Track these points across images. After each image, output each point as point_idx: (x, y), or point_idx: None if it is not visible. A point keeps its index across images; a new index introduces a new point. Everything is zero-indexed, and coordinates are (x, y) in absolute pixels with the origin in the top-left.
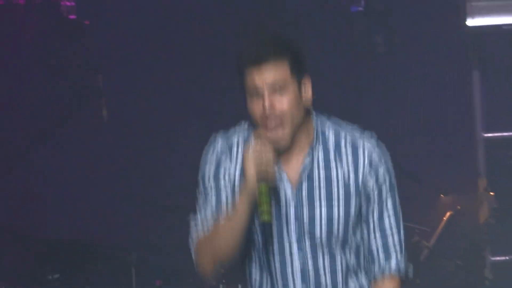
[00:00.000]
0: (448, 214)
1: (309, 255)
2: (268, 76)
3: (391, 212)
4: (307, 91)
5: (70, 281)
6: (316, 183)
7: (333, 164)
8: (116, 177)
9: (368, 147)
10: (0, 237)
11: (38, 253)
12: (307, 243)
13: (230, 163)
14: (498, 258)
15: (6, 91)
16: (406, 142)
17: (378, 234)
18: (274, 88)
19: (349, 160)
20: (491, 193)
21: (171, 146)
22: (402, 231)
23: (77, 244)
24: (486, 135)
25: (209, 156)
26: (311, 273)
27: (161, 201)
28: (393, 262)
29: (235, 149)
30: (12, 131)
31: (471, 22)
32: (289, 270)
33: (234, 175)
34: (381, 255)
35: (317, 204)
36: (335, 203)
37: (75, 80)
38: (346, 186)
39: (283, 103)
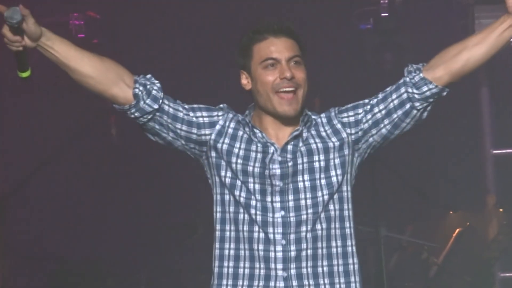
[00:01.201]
0: (457, 230)
1: (291, 209)
2: (288, 48)
3: (364, 102)
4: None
5: None
6: (300, 145)
7: (313, 140)
8: (126, 197)
9: (333, 109)
10: (13, 256)
11: (49, 272)
12: (291, 197)
13: (224, 123)
14: (507, 274)
15: (16, 110)
16: (414, 158)
17: (381, 103)
18: (292, 59)
19: (324, 124)
20: (500, 210)
21: (181, 164)
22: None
23: (87, 264)
24: (495, 151)
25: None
26: (293, 223)
27: (171, 220)
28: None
29: (232, 124)
30: (23, 150)
31: None
32: (269, 220)
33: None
34: (401, 82)
35: (299, 161)
36: (315, 158)
37: (84, 98)
38: (324, 143)
39: (299, 72)
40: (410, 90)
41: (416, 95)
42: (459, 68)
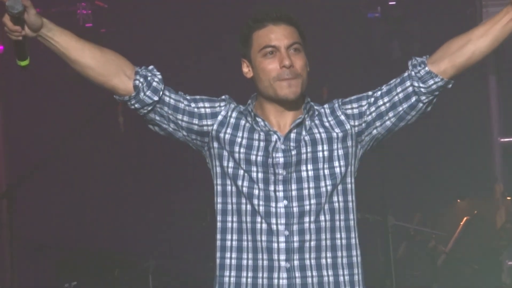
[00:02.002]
0: (465, 219)
1: (294, 198)
2: (287, 36)
3: (368, 94)
4: (307, 66)
5: None
6: (303, 134)
7: (317, 130)
8: (134, 186)
9: (337, 100)
10: (19, 245)
11: (56, 261)
12: (293, 186)
13: (226, 114)
14: None
15: (22, 100)
16: (422, 147)
17: (385, 96)
18: (291, 47)
19: (327, 115)
20: (508, 198)
21: (189, 153)
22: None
23: (95, 253)
24: (502, 140)
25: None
26: (295, 214)
27: (179, 208)
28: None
29: (234, 114)
30: (30, 140)
31: None
32: (272, 210)
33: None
34: (405, 75)
35: (303, 150)
36: (319, 147)
37: (91, 88)
38: (328, 133)
39: (299, 60)
40: (416, 84)
41: (422, 89)
42: (464, 61)
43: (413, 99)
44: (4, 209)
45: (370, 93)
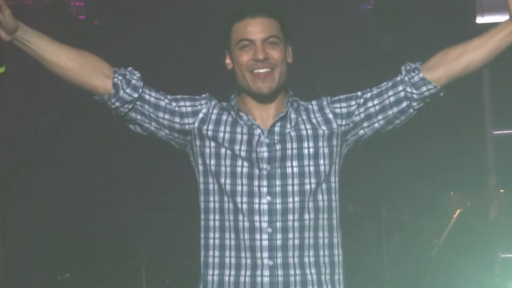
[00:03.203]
0: (458, 211)
1: (278, 194)
2: (263, 29)
3: (357, 95)
4: (290, 58)
5: (81, 281)
6: (288, 128)
7: (304, 126)
8: (126, 178)
9: (325, 97)
10: (12, 237)
11: (49, 253)
12: (278, 182)
13: (207, 111)
14: (508, 255)
15: (14, 92)
16: (415, 139)
17: (375, 98)
18: (267, 40)
19: (315, 111)
20: (501, 190)
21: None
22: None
23: (87, 244)
24: (495, 132)
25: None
26: (279, 211)
27: (171, 201)
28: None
29: (215, 110)
30: (22, 132)
31: (480, 19)
32: (255, 207)
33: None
34: (398, 79)
35: (288, 145)
36: (305, 144)
37: None
38: (314, 129)
39: (275, 52)
40: (408, 89)
41: (414, 95)
42: (459, 71)
43: (404, 104)
44: None
45: (359, 93)
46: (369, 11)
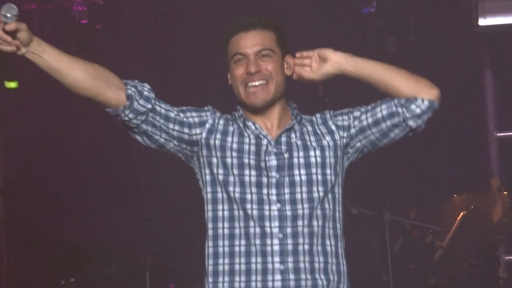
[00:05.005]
0: (461, 214)
1: (287, 202)
2: (256, 42)
3: (356, 109)
4: (288, 69)
5: (85, 285)
6: (293, 138)
7: (308, 136)
8: (130, 182)
9: (329, 112)
10: (16, 241)
11: (53, 257)
12: (286, 190)
13: (213, 122)
14: None
15: (17, 97)
16: (418, 142)
17: (369, 112)
18: (260, 53)
19: (319, 123)
20: (505, 192)
21: None
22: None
23: (91, 249)
24: (498, 134)
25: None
26: (289, 217)
27: (175, 204)
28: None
29: (221, 121)
30: (25, 135)
31: (483, 22)
32: (266, 213)
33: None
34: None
35: (295, 154)
36: (311, 153)
37: None
38: (319, 140)
39: (268, 64)
40: (400, 110)
41: (406, 114)
42: None
43: (397, 119)
44: (0, 205)
45: (359, 107)
46: (371, 14)
